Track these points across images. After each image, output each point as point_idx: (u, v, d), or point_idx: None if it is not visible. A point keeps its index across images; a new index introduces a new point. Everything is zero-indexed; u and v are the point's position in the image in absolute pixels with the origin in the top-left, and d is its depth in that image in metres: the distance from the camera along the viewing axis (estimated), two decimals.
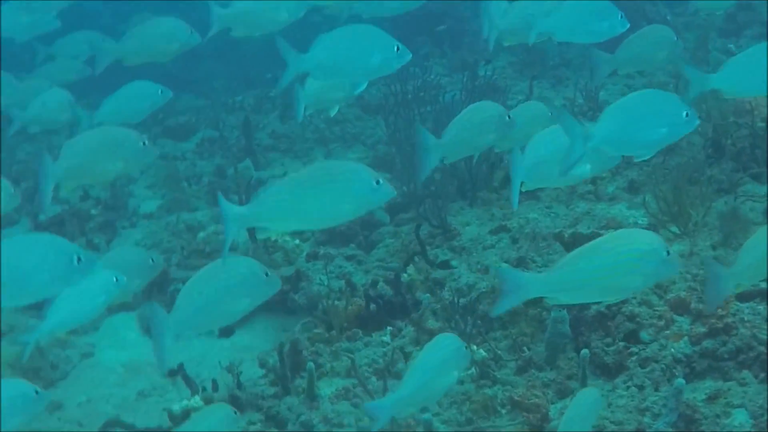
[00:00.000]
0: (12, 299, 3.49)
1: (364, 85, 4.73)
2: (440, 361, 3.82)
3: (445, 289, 5.79)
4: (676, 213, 5.55)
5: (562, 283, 3.39)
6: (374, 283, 6.03)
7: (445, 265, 6.08)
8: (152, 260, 5.08)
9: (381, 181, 3.70)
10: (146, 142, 4.82)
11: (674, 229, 5.55)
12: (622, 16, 5.27)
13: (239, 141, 9.73)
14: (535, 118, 5.05)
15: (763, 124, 6.44)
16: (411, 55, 4.67)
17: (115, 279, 4.26)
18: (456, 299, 5.55)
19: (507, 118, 4.93)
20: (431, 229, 6.53)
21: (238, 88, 12.06)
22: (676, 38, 5.75)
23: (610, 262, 3.36)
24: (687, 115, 3.93)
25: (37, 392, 3.81)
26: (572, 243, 5.48)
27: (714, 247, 5.33)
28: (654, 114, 3.90)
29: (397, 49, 4.50)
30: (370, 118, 9.70)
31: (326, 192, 3.64)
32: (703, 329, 4.80)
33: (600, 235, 5.31)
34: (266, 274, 3.84)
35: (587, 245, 3.47)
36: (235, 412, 4.13)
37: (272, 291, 3.89)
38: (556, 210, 6.44)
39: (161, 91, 5.95)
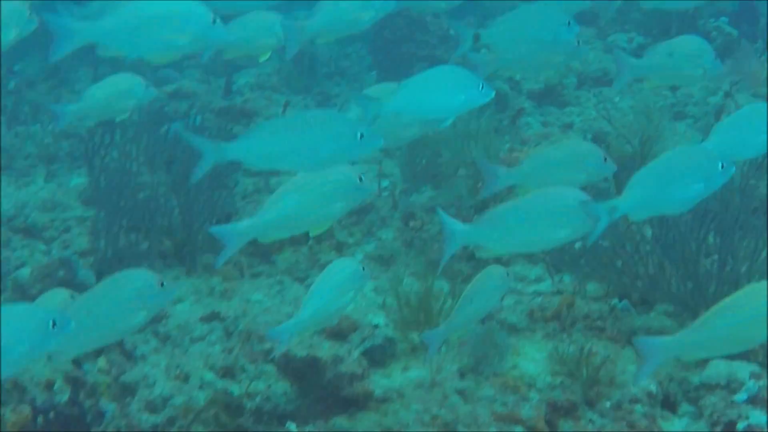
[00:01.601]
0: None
1: None
2: (338, 283, 3.84)
3: (136, 398, 4.57)
4: (422, 320, 4.48)
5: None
6: (49, 384, 4.75)
7: None
8: None
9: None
10: None
11: (415, 337, 4.48)
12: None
13: None
14: None
15: None
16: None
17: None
18: (142, 417, 4.36)
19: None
20: None
21: None
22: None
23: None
24: (722, 166, 3.80)
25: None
26: (285, 365, 4.33)
27: (462, 374, 4.26)
28: (688, 171, 3.80)
29: (361, 136, 3.76)
30: None
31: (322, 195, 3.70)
32: None
33: (318, 358, 4.25)
34: (161, 284, 3.64)
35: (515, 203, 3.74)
36: None
37: (168, 299, 3.76)
38: (287, 287, 5.31)
39: None
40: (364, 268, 3.92)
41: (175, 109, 7.89)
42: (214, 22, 4.10)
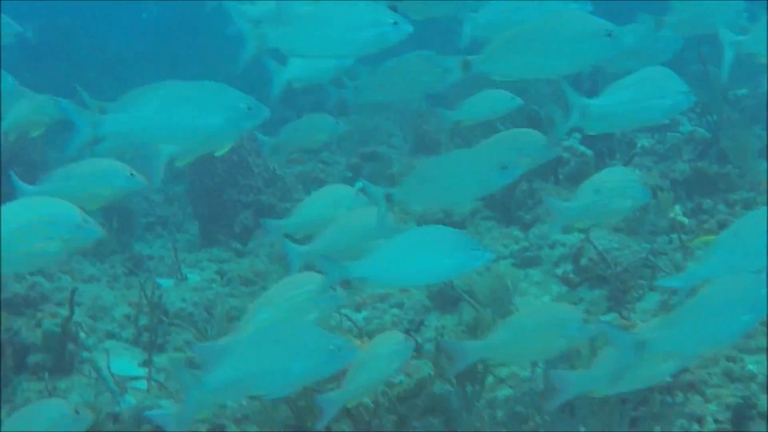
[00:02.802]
0: None
1: None
2: None
3: None
4: None
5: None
6: None
7: None
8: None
9: None
10: None
11: None
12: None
13: None
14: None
15: None
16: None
17: None
18: None
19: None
20: None
21: None
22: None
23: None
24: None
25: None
26: None
27: None
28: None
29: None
30: None
31: None
32: None
33: None
34: (76, 412, 3.66)
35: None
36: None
37: (84, 426, 3.69)
38: None
39: None
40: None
41: None
42: None
